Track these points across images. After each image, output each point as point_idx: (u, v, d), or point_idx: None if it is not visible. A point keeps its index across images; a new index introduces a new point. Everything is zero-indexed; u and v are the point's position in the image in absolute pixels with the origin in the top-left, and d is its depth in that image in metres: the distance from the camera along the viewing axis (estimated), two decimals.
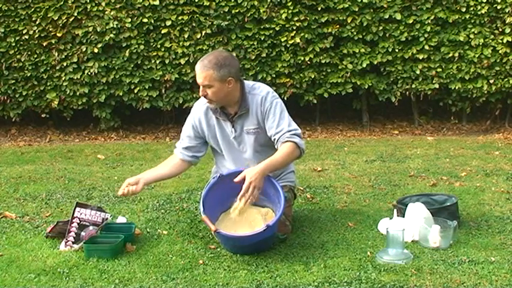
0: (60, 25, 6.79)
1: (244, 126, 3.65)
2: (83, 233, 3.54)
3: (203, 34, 6.82)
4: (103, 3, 6.74)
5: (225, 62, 3.50)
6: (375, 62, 7.00)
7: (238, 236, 3.39)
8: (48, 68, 6.92)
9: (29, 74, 6.91)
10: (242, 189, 3.37)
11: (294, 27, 6.83)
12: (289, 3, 6.80)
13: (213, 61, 3.48)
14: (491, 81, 6.91)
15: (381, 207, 4.28)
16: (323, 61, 6.96)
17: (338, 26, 6.91)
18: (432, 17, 6.84)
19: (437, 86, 7.02)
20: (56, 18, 6.75)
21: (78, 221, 3.57)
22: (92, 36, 6.80)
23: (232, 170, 3.60)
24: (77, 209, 3.60)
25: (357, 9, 6.84)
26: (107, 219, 3.65)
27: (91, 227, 3.57)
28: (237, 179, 3.38)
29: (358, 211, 4.20)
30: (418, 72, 6.97)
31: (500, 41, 6.81)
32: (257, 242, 3.37)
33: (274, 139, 3.58)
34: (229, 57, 3.57)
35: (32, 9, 6.79)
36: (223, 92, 3.52)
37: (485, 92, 6.96)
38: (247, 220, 3.54)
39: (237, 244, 3.41)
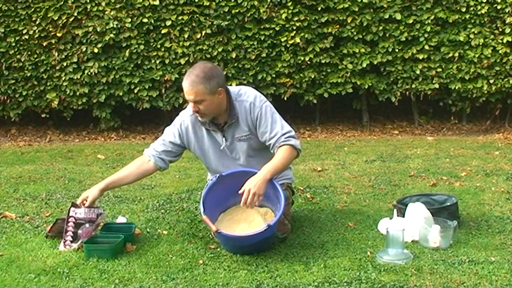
0: (60, 25, 6.79)
1: (235, 135, 3.61)
2: (79, 231, 3.53)
3: (203, 34, 6.82)
4: (103, 3, 6.75)
5: (212, 73, 3.44)
6: (375, 62, 7.00)
7: (239, 236, 3.39)
8: (48, 68, 6.92)
9: (29, 74, 6.91)
10: (243, 198, 3.35)
11: (294, 27, 6.83)
12: (289, 3, 6.80)
13: (201, 75, 3.41)
14: (491, 81, 6.91)
15: (381, 207, 4.28)
16: (323, 61, 6.97)
17: (338, 26, 6.91)
18: (432, 17, 6.85)
19: (437, 86, 7.02)
20: (56, 18, 6.76)
21: (74, 220, 3.58)
22: (92, 36, 6.80)
23: (232, 170, 3.60)
24: (72, 209, 3.60)
25: (357, 9, 6.84)
26: (101, 214, 3.64)
27: (87, 224, 3.57)
28: (240, 191, 3.37)
29: (358, 211, 4.19)
30: (418, 72, 6.97)
31: (500, 41, 6.81)
32: (257, 241, 3.37)
33: (270, 144, 3.56)
34: (214, 67, 3.52)
35: (32, 9, 6.79)
36: (214, 104, 3.47)
37: (485, 92, 6.96)
38: (246, 220, 3.54)
39: (237, 244, 3.41)
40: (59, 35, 6.80)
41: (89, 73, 6.86)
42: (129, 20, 6.77)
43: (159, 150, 3.70)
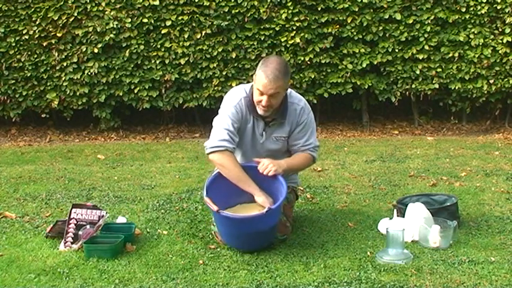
0: (60, 25, 6.79)
1: (274, 133, 3.64)
2: (80, 232, 3.54)
3: (203, 34, 6.82)
4: (103, 3, 6.74)
5: (288, 68, 3.53)
6: (375, 62, 7.00)
7: (240, 217, 3.36)
8: (48, 68, 6.91)
9: (29, 74, 6.91)
10: (260, 165, 3.46)
11: (294, 27, 6.83)
12: (289, 3, 6.80)
13: (282, 70, 3.45)
14: (491, 81, 6.91)
15: (381, 207, 4.29)
16: (323, 61, 6.96)
17: (338, 26, 6.91)
18: (432, 17, 6.84)
19: (437, 86, 7.02)
20: (56, 18, 6.75)
21: (75, 222, 3.58)
22: (92, 36, 6.80)
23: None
24: (73, 210, 3.61)
25: (357, 9, 6.84)
26: (103, 216, 3.64)
27: (88, 226, 3.57)
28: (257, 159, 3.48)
29: (358, 211, 4.20)
30: (418, 72, 6.97)
31: (500, 41, 6.81)
32: (258, 228, 3.34)
33: (295, 149, 3.66)
34: (287, 62, 3.59)
35: (32, 9, 6.79)
36: (281, 98, 3.55)
37: (485, 92, 6.96)
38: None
39: (238, 228, 3.38)
40: (59, 35, 6.80)
41: (89, 73, 6.85)
42: (129, 20, 6.76)
43: (232, 139, 3.51)
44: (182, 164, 5.73)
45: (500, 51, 6.81)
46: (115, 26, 6.74)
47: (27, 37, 6.82)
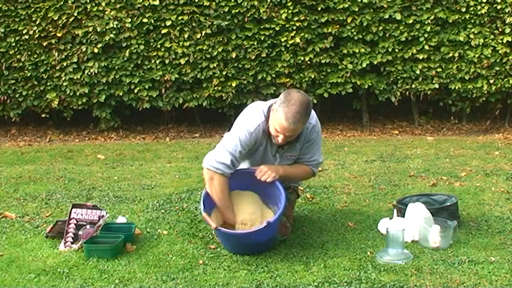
0: (60, 25, 6.78)
1: (286, 153, 3.61)
2: (80, 232, 3.54)
3: (203, 34, 6.82)
4: (103, 3, 6.74)
5: (309, 109, 3.42)
6: (375, 62, 7.00)
7: (238, 233, 3.38)
8: (48, 68, 6.91)
9: (29, 74, 6.90)
10: (257, 171, 3.50)
11: (294, 27, 6.83)
12: (289, 3, 6.80)
13: (303, 112, 3.35)
14: (491, 81, 6.91)
15: (381, 207, 4.29)
16: (323, 61, 6.96)
17: (338, 26, 6.91)
18: (432, 17, 6.84)
19: (437, 86, 7.02)
20: (56, 18, 6.75)
21: (75, 222, 3.58)
22: (92, 36, 6.80)
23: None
24: (73, 210, 3.61)
25: (357, 9, 6.84)
26: (103, 216, 3.64)
27: (88, 226, 3.57)
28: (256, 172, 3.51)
29: (358, 211, 4.20)
30: (418, 72, 6.97)
31: (500, 41, 6.80)
32: (258, 240, 3.37)
33: (300, 162, 3.67)
34: (309, 100, 3.45)
35: (32, 9, 6.79)
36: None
37: (485, 92, 6.95)
38: (245, 211, 3.53)
39: (238, 242, 3.40)
40: (59, 35, 6.80)
41: (89, 73, 6.85)
42: (129, 20, 6.76)
43: (233, 164, 3.47)
44: (182, 164, 5.73)
45: (500, 51, 6.81)
46: (115, 26, 6.74)
47: (27, 37, 6.82)
